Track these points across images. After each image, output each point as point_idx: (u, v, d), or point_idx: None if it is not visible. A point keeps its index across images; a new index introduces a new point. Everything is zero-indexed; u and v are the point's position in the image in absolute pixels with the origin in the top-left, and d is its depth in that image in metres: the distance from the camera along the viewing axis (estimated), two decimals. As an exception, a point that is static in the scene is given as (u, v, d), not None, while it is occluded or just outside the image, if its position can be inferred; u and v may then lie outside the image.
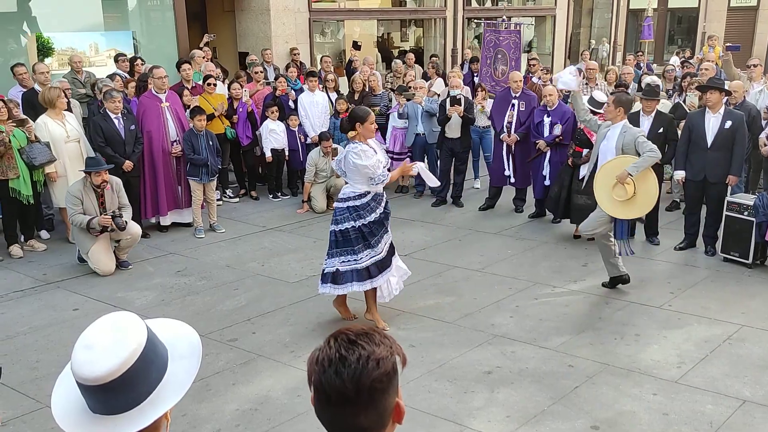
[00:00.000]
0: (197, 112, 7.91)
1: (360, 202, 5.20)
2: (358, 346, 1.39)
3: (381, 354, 1.40)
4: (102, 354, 1.48)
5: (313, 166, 8.81)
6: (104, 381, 1.48)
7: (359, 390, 1.36)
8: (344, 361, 1.37)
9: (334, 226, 5.34)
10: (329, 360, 1.38)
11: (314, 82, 9.62)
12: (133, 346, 1.51)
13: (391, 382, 1.41)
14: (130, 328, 1.54)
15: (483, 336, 5.32)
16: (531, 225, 8.24)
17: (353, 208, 5.20)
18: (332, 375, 1.37)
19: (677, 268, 6.77)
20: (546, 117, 8.09)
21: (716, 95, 6.72)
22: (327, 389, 1.37)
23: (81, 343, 1.52)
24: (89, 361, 1.48)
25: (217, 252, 7.42)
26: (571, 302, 5.94)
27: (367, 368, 1.37)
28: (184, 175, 8.01)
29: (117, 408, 1.52)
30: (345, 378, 1.36)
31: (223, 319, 5.69)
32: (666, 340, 5.19)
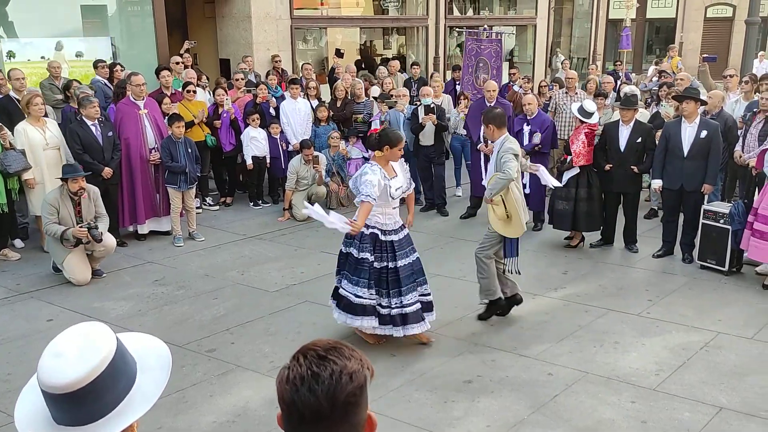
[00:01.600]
0: (175, 119, 7.85)
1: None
2: (329, 361, 1.37)
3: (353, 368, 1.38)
4: (70, 362, 1.46)
5: (295, 174, 8.77)
6: (71, 389, 1.45)
7: (334, 406, 1.34)
8: (317, 377, 1.35)
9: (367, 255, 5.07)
10: (301, 378, 1.36)
11: (296, 89, 9.59)
12: (101, 354, 1.48)
13: (363, 395, 1.39)
14: (100, 337, 1.52)
15: (463, 345, 5.31)
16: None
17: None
18: (306, 393, 1.34)
19: (655, 275, 6.82)
20: (525, 125, 8.14)
21: (692, 105, 6.80)
22: (301, 408, 1.34)
23: (49, 351, 1.49)
24: (56, 369, 1.45)
25: (195, 261, 7.35)
26: (551, 310, 5.96)
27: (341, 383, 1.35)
28: (163, 182, 7.93)
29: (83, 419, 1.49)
30: (319, 395, 1.34)
31: (201, 329, 5.63)
32: (644, 348, 5.22)
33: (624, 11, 16.85)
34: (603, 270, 6.99)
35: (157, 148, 7.90)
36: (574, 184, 7.49)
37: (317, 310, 5.94)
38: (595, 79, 10.65)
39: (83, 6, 10.43)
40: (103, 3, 10.66)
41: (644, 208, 8.62)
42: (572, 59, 18.98)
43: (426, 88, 9.48)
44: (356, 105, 10.21)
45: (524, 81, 11.03)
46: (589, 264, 7.17)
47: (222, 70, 12.30)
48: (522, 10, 17.68)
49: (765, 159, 6.34)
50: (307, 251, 7.63)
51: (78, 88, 8.18)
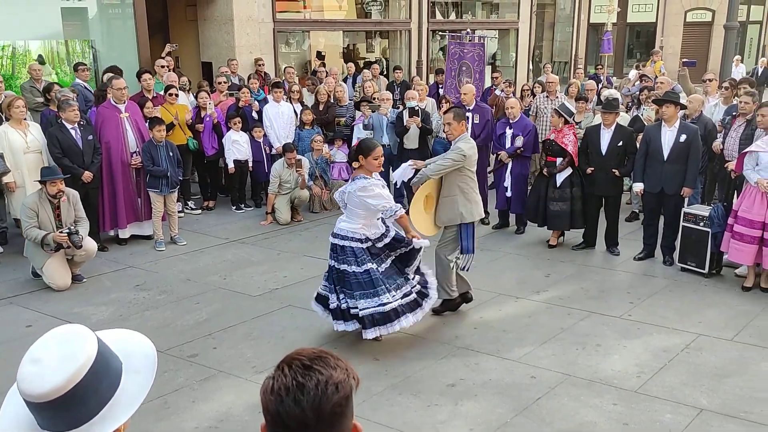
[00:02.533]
0: (156, 122, 7.79)
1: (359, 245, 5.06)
2: (314, 371, 1.36)
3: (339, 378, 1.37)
4: (49, 369, 1.43)
5: (277, 178, 8.74)
6: (51, 397, 1.42)
7: (320, 417, 1.33)
8: (302, 388, 1.33)
9: (347, 267, 5.08)
10: (286, 388, 1.34)
11: (279, 93, 9.57)
12: (81, 360, 1.45)
13: (348, 405, 1.38)
14: (79, 341, 1.48)
15: (447, 348, 5.31)
16: (495, 236, 8.29)
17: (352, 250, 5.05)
18: (291, 404, 1.32)
19: (636, 278, 6.88)
20: (508, 129, 8.18)
21: (672, 109, 6.87)
22: (286, 419, 1.33)
23: (27, 357, 1.46)
24: (35, 377, 1.42)
25: (177, 265, 7.29)
26: (534, 313, 5.98)
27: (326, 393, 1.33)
28: (144, 186, 7.87)
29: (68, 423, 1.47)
30: (305, 406, 1.32)
31: (183, 334, 5.58)
32: (626, 350, 5.26)
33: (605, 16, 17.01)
34: (585, 273, 7.03)
35: (138, 151, 7.84)
36: (569, 185, 7.56)
37: (300, 314, 5.92)
38: (577, 83, 10.73)
39: (63, 8, 10.33)
40: (84, 5, 10.56)
41: (625, 211, 8.70)
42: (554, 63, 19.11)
43: (411, 91, 9.49)
44: (339, 108, 10.20)
45: (506, 85, 11.08)
46: (572, 267, 7.21)
47: (204, 73, 12.23)
48: (504, 14, 17.78)
49: (744, 162, 6.41)
50: (290, 255, 7.60)
51: (59, 91, 8.10)
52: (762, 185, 6.14)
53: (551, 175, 7.56)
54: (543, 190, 7.61)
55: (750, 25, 26.17)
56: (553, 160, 7.57)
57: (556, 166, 7.52)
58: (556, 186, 7.56)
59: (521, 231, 8.25)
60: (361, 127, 9.54)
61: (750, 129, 7.20)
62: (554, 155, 7.54)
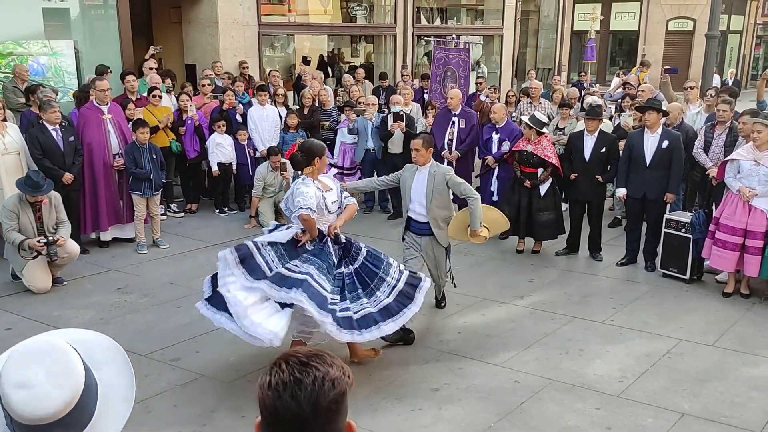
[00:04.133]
0: (140, 124, 7.75)
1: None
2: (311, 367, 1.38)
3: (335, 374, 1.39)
4: (45, 390, 1.40)
5: (262, 181, 8.72)
6: (59, 416, 1.41)
7: (317, 412, 1.34)
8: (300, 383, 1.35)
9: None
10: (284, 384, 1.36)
11: (264, 96, 9.55)
12: (78, 374, 1.44)
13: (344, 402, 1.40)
14: (63, 355, 1.46)
15: (431, 353, 5.32)
16: (478, 241, 8.32)
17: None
18: (288, 399, 1.34)
19: (619, 283, 6.94)
20: (494, 134, 8.22)
21: (654, 115, 6.95)
22: (283, 414, 1.34)
23: (10, 382, 1.41)
24: (32, 400, 1.39)
25: (160, 268, 7.24)
26: (517, 318, 6.01)
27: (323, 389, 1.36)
28: (127, 189, 7.81)
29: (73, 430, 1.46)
30: (302, 401, 1.34)
31: (165, 337, 5.55)
32: (609, 355, 5.30)
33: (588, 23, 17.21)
34: (568, 278, 7.08)
35: (121, 153, 7.78)
36: (552, 193, 7.60)
37: (284, 318, 5.89)
38: (562, 89, 10.83)
39: (45, 9, 10.23)
40: (66, 6, 10.47)
41: (608, 217, 8.78)
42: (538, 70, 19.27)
43: (396, 96, 9.52)
44: (323, 112, 10.20)
45: (491, 91, 11.15)
46: (555, 272, 7.26)
47: (188, 75, 12.18)
48: (489, 21, 17.90)
49: (726, 170, 6.50)
50: (274, 259, 7.58)
51: (42, 91, 8.01)
52: (744, 193, 6.22)
53: (534, 186, 7.56)
54: (525, 201, 7.60)
55: (730, 34, 26.60)
56: (533, 171, 7.58)
57: (537, 177, 7.56)
58: (540, 196, 7.58)
59: (505, 236, 8.29)
60: (345, 132, 9.55)
61: (732, 136, 7.30)
62: (533, 166, 7.56)
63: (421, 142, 5.66)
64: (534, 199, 7.58)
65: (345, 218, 5.02)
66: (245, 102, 9.96)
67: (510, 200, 7.70)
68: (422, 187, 5.73)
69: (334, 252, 4.87)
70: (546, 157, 7.48)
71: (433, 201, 5.72)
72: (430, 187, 5.68)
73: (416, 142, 5.69)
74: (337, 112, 10.26)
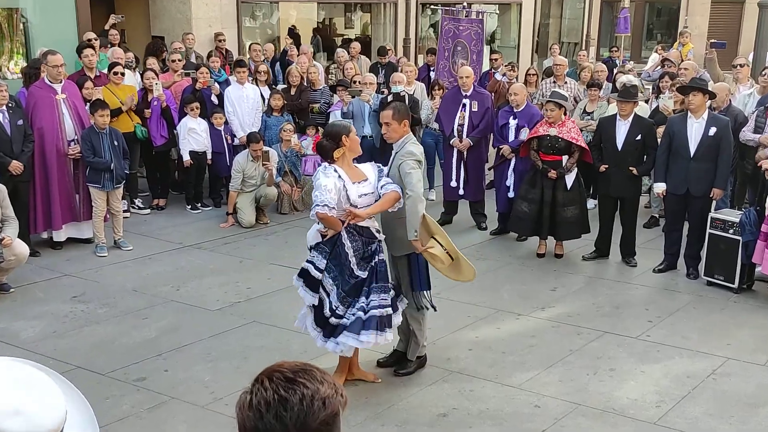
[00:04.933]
0: (99, 106, 7.75)
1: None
2: (298, 384, 1.38)
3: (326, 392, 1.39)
4: (37, 413, 1.43)
5: (240, 172, 8.73)
6: None
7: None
8: (285, 403, 1.36)
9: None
10: (267, 403, 1.36)
11: (243, 73, 9.56)
12: (59, 394, 1.47)
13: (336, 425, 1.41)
14: (33, 375, 1.49)
15: (437, 372, 5.34)
16: (493, 243, 8.35)
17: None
18: (272, 420, 1.35)
19: (656, 292, 6.96)
20: (512, 119, 8.24)
21: (699, 97, 6.95)
22: None
23: (2, 412, 1.43)
24: (30, 424, 1.42)
25: (122, 273, 7.26)
26: (538, 332, 6.03)
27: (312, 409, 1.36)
28: (84, 181, 7.82)
29: None
30: (288, 423, 1.35)
31: (128, 354, 5.56)
32: (644, 376, 5.32)
33: (621, -10, 17.19)
34: (597, 286, 7.10)
35: (77, 140, 7.79)
36: (578, 185, 7.62)
37: (267, 332, 5.92)
38: (591, 67, 10.84)
39: (-12, -30, 10.23)
40: (13, -32, 10.47)
41: (644, 216, 8.80)
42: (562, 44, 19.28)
43: (397, 74, 9.53)
44: (312, 93, 10.21)
45: (508, 68, 11.17)
46: (581, 279, 7.28)
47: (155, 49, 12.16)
48: (506, -13, 17.91)
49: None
50: (255, 263, 7.60)
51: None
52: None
53: (561, 176, 7.54)
54: (549, 195, 7.59)
55: (787, 4, 26.52)
56: (557, 159, 7.57)
57: (562, 165, 7.55)
58: (566, 189, 7.58)
59: (524, 238, 8.31)
60: (338, 115, 9.56)
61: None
62: (559, 152, 7.55)
63: (391, 113, 5.15)
64: (559, 192, 7.58)
65: (377, 208, 4.88)
66: (222, 80, 9.96)
67: (529, 195, 7.67)
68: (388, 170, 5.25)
69: (352, 252, 4.82)
70: (573, 140, 7.50)
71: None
72: (394, 172, 5.13)
73: (385, 114, 5.18)
74: (328, 93, 10.27)
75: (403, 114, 5.24)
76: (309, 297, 4.90)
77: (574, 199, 7.63)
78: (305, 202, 9.39)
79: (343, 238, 4.83)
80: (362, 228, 4.90)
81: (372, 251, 4.92)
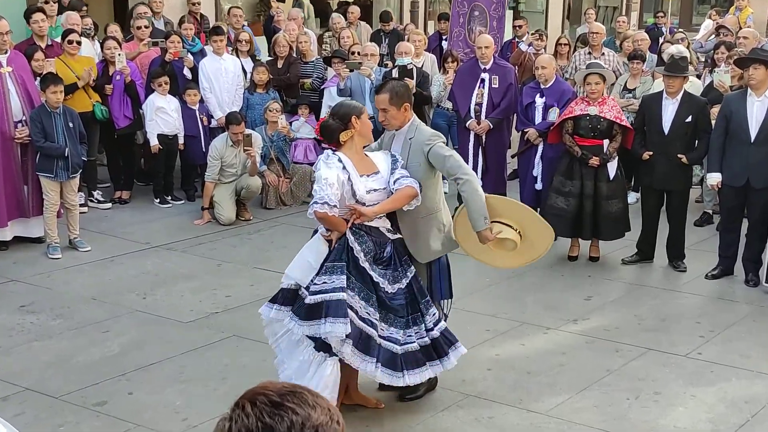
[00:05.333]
0: (51, 81, 7.75)
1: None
2: (286, 410, 1.38)
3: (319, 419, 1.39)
4: None
5: (218, 160, 8.74)
6: None
7: None
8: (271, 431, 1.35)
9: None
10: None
11: (221, 42, 9.56)
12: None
13: None
14: None
15: (450, 396, 5.34)
16: (516, 244, 8.34)
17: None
18: None
19: (709, 302, 6.96)
20: (539, 97, 8.23)
21: (761, 71, 6.94)
22: None
23: None
24: None
25: (79, 279, 7.27)
26: (569, 349, 6.03)
27: None
28: (33, 169, 7.83)
29: None
30: None
31: (86, 373, 5.57)
32: (695, 401, 5.32)
33: (669, -54, 17.16)
34: (639, 295, 7.10)
35: (25, 121, 7.80)
36: (620, 175, 7.62)
37: (249, 348, 5.92)
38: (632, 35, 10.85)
39: None
40: None
41: (695, 212, 8.79)
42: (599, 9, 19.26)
43: (404, 43, 9.51)
44: (303, 66, 10.21)
45: (535, 38, 11.15)
46: (621, 287, 7.29)
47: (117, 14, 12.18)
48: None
49: None
50: (235, 267, 7.61)
51: None
52: None
53: (603, 165, 7.50)
54: (590, 187, 7.54)
55: None
56: (597, 143, 7.55)
57: (604, 151, 7.52)
58: (608, 179, 7.56)
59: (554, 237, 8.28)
60: (334, 92, 9.56)
61: None
62: (600, 136, 7.53)
63: (388, 97, 4.98)
64: (601, 183, 7.56)
65: (387, 205, 4.84)
66: (196, 51, 9.97)
67: (565, 188, 7.61)
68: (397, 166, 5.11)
69: (363, 255, 4.76)
70: (617, 119, 7.48)
71: None
72: (405, 160, 5.05)
73: (381, 99, 5.02)
74: (322, 66, 10.27)
75: (403, 96, 5.07)
76: (340, 327, 4.61)
77: (618, 191, 7.62)
78: (294, 195, 9.41)
79: (350, 241, 4.76)
80: (370, 228, 4.85)
81: (388, 255, 4.86)
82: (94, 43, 9.95)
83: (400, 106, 5.02)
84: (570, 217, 7.59)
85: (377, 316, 4.77)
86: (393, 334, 4.81)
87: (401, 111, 5.03)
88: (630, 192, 8.68)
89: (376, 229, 4.88)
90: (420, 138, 5.04)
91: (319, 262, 4.78)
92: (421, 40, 10.28)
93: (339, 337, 4.64)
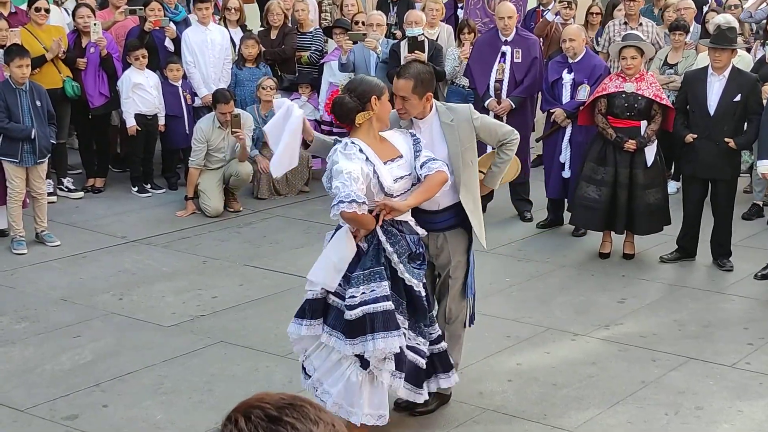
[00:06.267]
0: (16, 53, 7.77)
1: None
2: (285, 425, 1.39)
3: None
4: None
5: (204, 143, 8.75)
6: None
7: None
8: None
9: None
10: None
11: (207, 10, 9.55)
12: None
13: None
14: None
15: (466, 410, 5.35)
16: (541, 239, 8.35)
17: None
18: None
19: (759, 306, 6.95)
20: (567, 73, 8.23)
21: (819, 45, 6.94)
22: None
23: None
24: None
25: (47, 277, 7.30)
26: (600, 359, 6.04)
27: None
28: (-4, 154, 7.87)
29: None
30: None
31: (56, 383, 5.59)
32: (741, 416, 5.32)
33: None
34: (679, 297, 7.10)
35: (-14, 99, 7.82)
36: (659, 161, 7.63)
37: (238, 355, 5.94)
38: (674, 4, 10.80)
39: None
40: None
41: (744, 204, 8.78)
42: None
43: (414, 12, 9.46)
44: (300, 37, 10.19)
45: (563, 6, 11.11)
46: (659, 288, 7.29)
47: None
48: None
49: None
50: (223, 264, 7.63)
51: None
52: None
53: (642, 147, 7.47)
54: (625, 175, 7.51)
55: None
56: (634, 125, 7.53)
57: (641, 134, 7.50)
58: (645, 165, 7.54)
59: (583, 232, 8.30)
60: (335, 67, 9.55)
61: None
62: (638, 116, 7.50)
63: (412, 84, 4.84)
64: (637, 170, 7.54)
65: (421, 196, 4.75)
66: (179, 20, 9.97)
67: (597, 176, 7.58)
68: (441, 151, 5.00)
69: (396, 256, 4.68)
70: (656, 97, 7.46)
71: (465, 169, 5.06)
72: (456, 147, 4.99)
73: (403, 85, 4.86)
74: (321, 38, 10.25)
75: (428, 84, 4.96)
76: (395, 340, 4.56)
77: (656, 180, 7.60)
78: (290, 184, 9.41)
79: (382, 242, 4.65)
80: (401, 223, 4.74)
81: (422, 251, 4.84)
82: (64, 11, 9.95)
83: (423, 95, 4.90)
84: (602, 208, 7.59)
85: (407, 324, 4.75)
86: (420, 345, 4.81)
87: (422, 101, 4.92)
88: (670, 181, 8.67)
89: (406, 224, 4.79)
90: (461, 116, 5.05)
91: (345, 263, 4.67)
92: (439, 9, 10.19)
93: (392, 352, 4.57)
